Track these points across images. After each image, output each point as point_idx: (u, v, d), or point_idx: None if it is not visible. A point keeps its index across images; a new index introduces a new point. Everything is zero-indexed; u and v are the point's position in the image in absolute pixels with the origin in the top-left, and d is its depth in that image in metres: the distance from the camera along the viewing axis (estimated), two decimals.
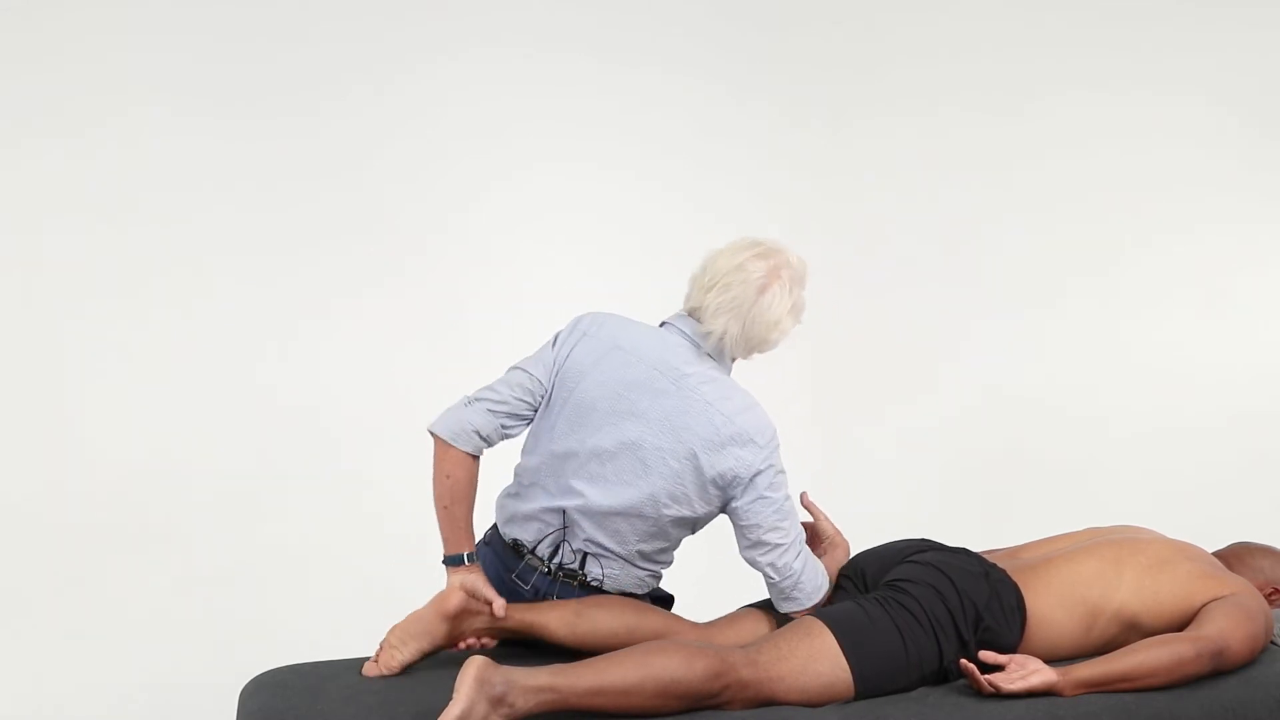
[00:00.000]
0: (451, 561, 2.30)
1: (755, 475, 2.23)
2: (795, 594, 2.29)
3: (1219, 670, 2.18)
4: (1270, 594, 2.50)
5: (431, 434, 2.32)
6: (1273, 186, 4.53)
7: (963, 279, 4.56)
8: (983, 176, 4.55)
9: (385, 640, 2.24)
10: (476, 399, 2.32)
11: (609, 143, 4.22)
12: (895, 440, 4.53)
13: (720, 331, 2.28)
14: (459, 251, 4.02)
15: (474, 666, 1.88)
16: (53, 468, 3.53)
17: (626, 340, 2.31)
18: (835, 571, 2.45)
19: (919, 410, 4.55)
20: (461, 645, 2.27)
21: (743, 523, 2.27)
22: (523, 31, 4.11)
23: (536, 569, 2.36)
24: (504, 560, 2.40)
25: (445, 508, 2.31)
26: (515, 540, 2.38)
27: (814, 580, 2.31)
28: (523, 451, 2.41)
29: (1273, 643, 2.36)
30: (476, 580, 2.26)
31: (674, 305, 2.47)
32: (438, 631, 2.22)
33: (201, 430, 3.69)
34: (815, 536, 2.50)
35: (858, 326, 4.50)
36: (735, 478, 2.23)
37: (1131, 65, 4.51)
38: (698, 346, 2.31)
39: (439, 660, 2.30)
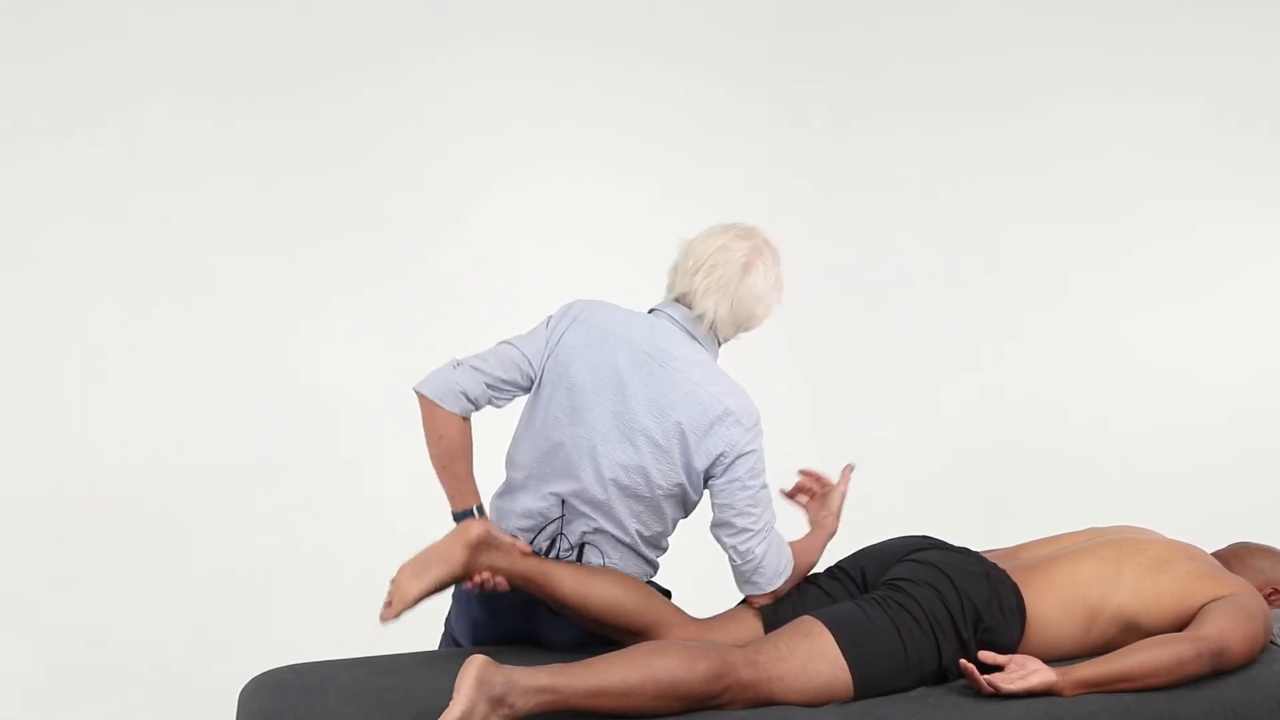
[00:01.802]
0: (460, 517, 2.31)
1: (739, 456, 2.27)
2: (755, 578, 2.32)
3: (1219, 670, 2.18)
4: (1270, 594, 2.50)
5: (417, 393, 2.33)
6: (1273, 187, 4.53)
7: (963, 278, 4.56)
8: (983, 176, 4.55)
9: (396, 577, 2.20)
10: (465, 362, 2.33)
11: (609, 143, 4.22)
12: (895, 440, 4.53)
13: (711, 312, 2.34)
14: (459, 251, 4.02)
15: (474, 667, 1.88)
16: (52, 467, 3.53)
17: (616, 325, 2.35)
18: (811, 552, 2.44)
19: (919, 410, 4.55)
20: (475, 578, 2.23)
21: (718, 501, 2.31)
22: (523, 31, 4.11)
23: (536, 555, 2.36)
24: None
25: (444, 467, 2.33)
26: (514, 536, 2.38)
27: (775, 566, 2.33)
28: (513, 446, 2.42)
29: (1272, 643, 2.36)
30: (491, 528, 2.25)
31: None
32: (456, 560, 2.19)
33: (202, 430, 3.69)
34: (821, 501, 2.52)
35: (857, 326, 4.50)
36: (720, 456, 2.27)
37: (1132, 65, 4.51)
38: (687, 332, 2.35)
39: (440, 660, 2.30)
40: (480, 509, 2.33)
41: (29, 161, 3.52)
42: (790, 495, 2.57)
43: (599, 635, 2.36)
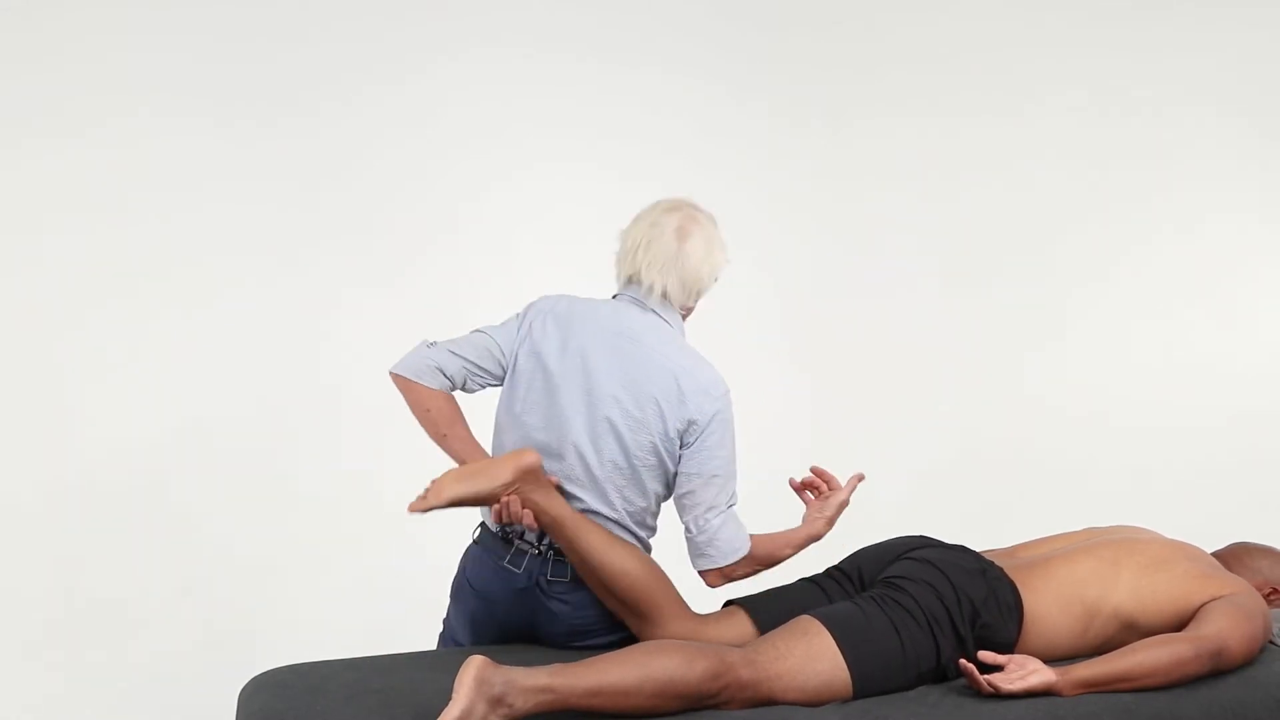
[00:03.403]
0: None
1: (709, 423, 2.31)
2: (709, 550, 2.35)
3: (1218, 670, 2.18)
4: (1269, 594, 2.50)
5: (393, 375, 2.40)
6: (1274, 185, 4.53)
7: (962, 278, 4.56)
8: (982, 176, 4.56)
9: (437, 479, 2.24)
10: (438, 344, 2.40)
11: (609, 143, 4.22)
12: (894, 439, 4.53)
13: (660, 286, 2.39)
14: (460, 251, 4.02)
15: (473, 667, 1.89)
16: (52, 466, 3.53)
17: (583, 310, 2.41)
18: (783, 547, 2.44)
19: (918, 409, 4.55)
20: (506, 497, 2.25)
21: (682, 470, 2.34)
22: (523, 31, 4.11)
23: (527, 552, 2.37)
24: (494, 552, 2.41)
25: (444, 435, 2.39)
26: (503, 528, 2.39)
27: (731, 543, 2.35)
28: (495, 438, 2.44)
29: (1271, 643, 2.36)
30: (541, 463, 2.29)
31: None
32: (501, 478, 2.23)
33: (202, 430, 3.69)
34: (819, 501, 2.52)
35: (857, 326, 4.50)
36: (692, 423, 2.31)
37: (1131, 65, 4.51)
38: (651, 310, 2.41)
39: (439, 660, 2.30)
40: None
41: (29, 161, 3.52)
42: (797, 488, 2.58)
43: (597, 634, 2.36)
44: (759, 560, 2.40)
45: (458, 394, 2.44)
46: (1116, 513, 3.11)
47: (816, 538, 2.49)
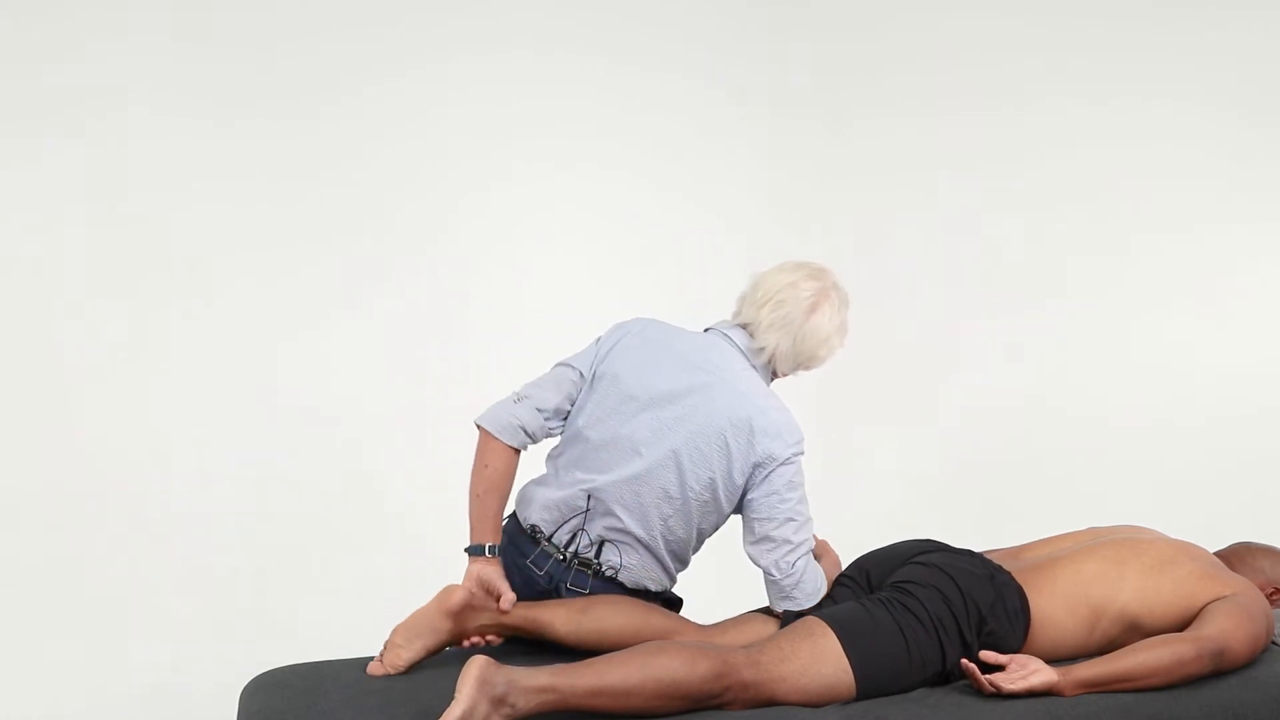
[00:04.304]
0: (474, 551, 2.34)
1: (778, 467, 2.29)
2: (795, 594, 2.33)
3: (1220, 670, 2.18)
4: (1271, 594, 2.50)
5: (478, 426, 2.38)
6: (1273, 184, 4.52)
7: (962, 278, 4.56)
8: (982, 176, 4.55)
9: (390, 640, 2.26)
10: (525, 396, 2.39)
11: (609, 143, 4.22)
12: (895, 440, 4.53)
13: (772, 346, 2.38)
14: (460, 251, 4.02)
15: (475, 667, 1.88)
16: (52, 466, 3.52)
17: (668, 336, 2.41)
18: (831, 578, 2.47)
19: (919, 410, 4.55)
20: (466, 643, 2.28)
21: (756, 515, 2.32)
22: (523, 33, 4.11)
23: (552, 555, 2.37)
24: (519, 546, 2.41)
25: (478, 495, 2.36)
26: (533, 526, 2.39)
27: (814, 583, 2.35)
28: (558, 444, 2.45)
29: (1273, 643, 2.36)
30: (493, 573, 2.29)
31: (673, 301, 2.47)
32: (441, 628, 2.24)
33: (201, 431, 3.68)
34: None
35: (857, 326, 4.47)
36: (758, 466, 2.29)
37: (1131, 66, 4.51)
38: (742, 354, 2.40)
39: (441, 660, 2.30)
40: (494, 549, 2.35)
41: (30, 161, 3.51)
42: None
43: None
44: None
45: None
46: (1118, 513, 3.11)
47: (837, 564, 2.52)
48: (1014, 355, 4.54)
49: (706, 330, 2.46)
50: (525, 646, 2.38)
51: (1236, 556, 2.55)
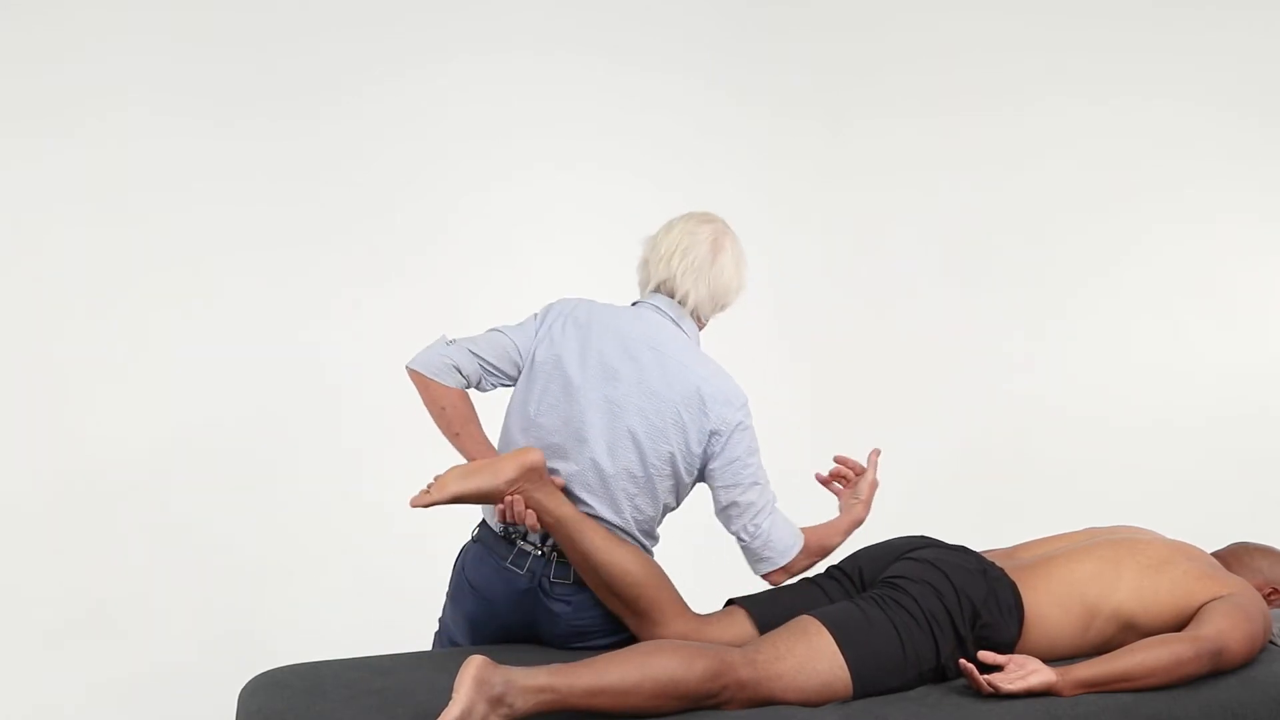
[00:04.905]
0: None
1: (733, 432, 2.32)
2: (766, 553, 2.36)
3: (1218, 670, 2.18)
4: (1269, 594, 2.50)
5: (410, 371, 2.39)
6: (1273, 184, 4.52)
7: (962, 278, 4.56)
8: (982, 176, 4.56)
9: (442, 475, 2.24)
10: (456, 341, 2.40)
11: (609, 143, 4.22)
12: (895, 440, 4.51)
13: (693, 294, 2.41)
14: (460, 251, 4.02)
15: (473, 667, 1.89)
16: (51, 466, 3.53)
17: (603, 316, 2.41)
18: (832, 535, 2.47)
19: (918, 410, 4.55)
20: (509, 497, 2.25)
21: (721, 484, 2.35)
22: (523, 33, 4.11)
23: (530, 553, 2.37)
24: (496, 551, 2.41)
25: (457, 434, 2.39)
26: (506, 528, 2.39)
27: (785, 540, 2.37)
28: (504, 437, 2.44)
29: (1271, 643, 2.36)
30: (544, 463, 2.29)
31: None
32: (504, 476, 2.23)
33: (201, 430, 3.69)
34: (852, 489, 2.56)
35: (857, 325, 4.50)
36: (714, 434, 2.32)
37: (1131, 66, 4.51)
38: (671, 319, 2.42)
39: (439, 660, 2.30)
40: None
41: (30, 161, 3.52)
42: (825, 481, 2.61)
43: (598, 636, 2.37)
44: (814, 552, 2.42)
45: (471, 392, 2.44)
46: (1116, 513, 3.11)
47: (859, 522, 2.52)
48: (1014, 355, 4.55)
49: (634, 304, 2.47)
50: (524, 647, 2.38)
51: (1234, 557, 2.55)
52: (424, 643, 2.68)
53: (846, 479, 2.58)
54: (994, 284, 4.56)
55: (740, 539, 2.37)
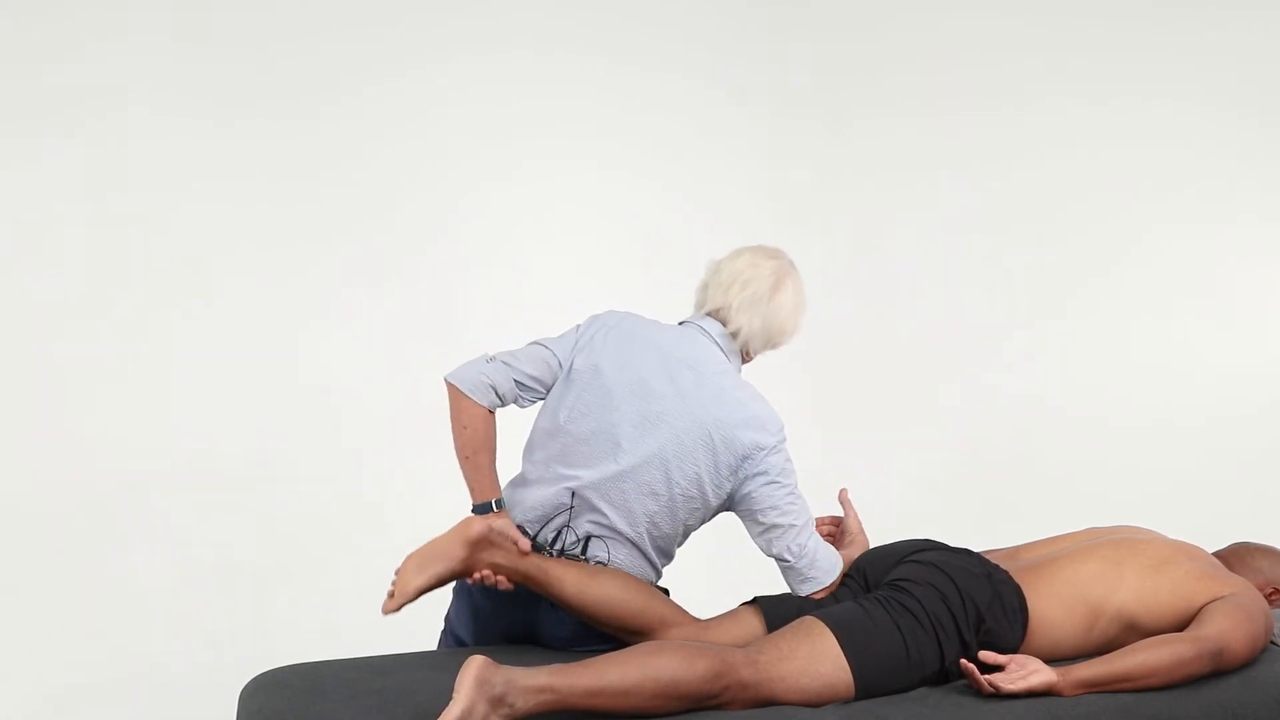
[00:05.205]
0: (480, 510, 2.35)
1: (767, 455, 2.30)
2: (812, 573, 2.34)
3: (1219, 670, 2.18)
4: (1270, 594, 2.50)
5: (447, 383, 2.37)
6: (1273, 184, 4.52)
7: (962, 278, 4.56)
8: (982, 176, 4.56)
9: (401, 568, 2.22)
10: (497, 358, 2.38)
11: (609, 143, 4.22)
12: (895, 440, 4.53)
13: (745, 327, 2.40)
14: (460, 251, 4.02)
15: (473, 667, 1.88)
16: (51, 466, 3.53)
17: (646, 331, 2.40)
18: (848, 557, 2.48)
19: (918, 410, 4.55)
20: (476, 575, 2.25)
21: (757, 506, 2.32)
22: (523, 33, 4.11)
23: (540, 553, 2.36)
24: None
25: (468, 458, 2.37)
26: (519, 528, 2.39)
27: (829, 558, 2.36)
28: (533, 438, 2.44)
29: (1273, 643, 2.36)
30: (505, 524, 2.28)
31: (674, 302, 2.47)
32: (456, 556, 2.21)
33: (201, 431, 3.69)
34: (842, 532, 2.57)
35: (857, 326, 4.49)
36: (746, 458, 2.30)
37: (1131, 66, 4.51)
38: (717, 345, 2.41)
39: (440, 660, 2.30)
40: (499, 503, 2.37)
41: (30, 161, 3.52)
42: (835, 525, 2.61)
43: (599, 632, 2.36)
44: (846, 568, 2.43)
45: (511, 408, 2.42)
46: (1117, 513, 3.11)
47: (865, 549, 2.52)
48: (1014, 355, 4.55)
49: (681, 324, 2.46)
50: (525, 647, 2.38)
51: (1235, 556, 2.55)
52: (425, 643, 2.68)
53: (833, 535, 2.58)
54: (994, 284, 4.56)
55: (783, 559, 2.34)
